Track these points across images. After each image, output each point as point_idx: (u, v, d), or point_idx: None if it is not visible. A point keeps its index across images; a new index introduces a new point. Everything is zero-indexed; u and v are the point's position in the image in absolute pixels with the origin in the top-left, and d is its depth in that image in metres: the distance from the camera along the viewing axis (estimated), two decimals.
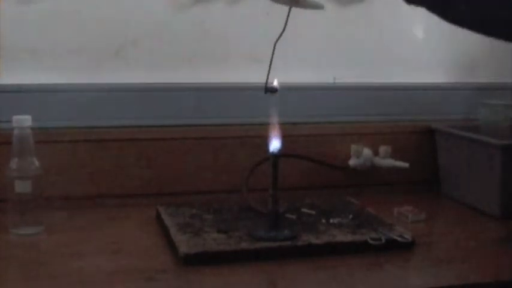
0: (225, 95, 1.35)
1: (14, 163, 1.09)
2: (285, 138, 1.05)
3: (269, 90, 1.08)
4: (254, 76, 1.35)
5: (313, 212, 1.16)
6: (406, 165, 1.34)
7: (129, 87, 1.30)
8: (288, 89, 1.37)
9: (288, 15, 1.10)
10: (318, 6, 1.15)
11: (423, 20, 1.43)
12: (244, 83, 1.36)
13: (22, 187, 1.08)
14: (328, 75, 1.41)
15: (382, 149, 1.35)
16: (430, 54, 1.48)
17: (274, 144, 1.04)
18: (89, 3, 1.27)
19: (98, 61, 1.29)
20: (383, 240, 1.03)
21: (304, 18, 1.38)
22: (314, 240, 1.03)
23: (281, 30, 1.33)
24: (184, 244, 0.99)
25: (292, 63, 1.39)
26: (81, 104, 1.27)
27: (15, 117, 1.09)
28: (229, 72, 1.36)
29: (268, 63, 1.35)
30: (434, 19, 0.87)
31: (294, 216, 1.13)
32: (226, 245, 1.00)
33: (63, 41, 1.27)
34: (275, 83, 1.09)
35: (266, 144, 1.04)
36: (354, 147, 1.34)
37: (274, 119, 1.05)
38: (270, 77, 1.09)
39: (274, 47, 1.10)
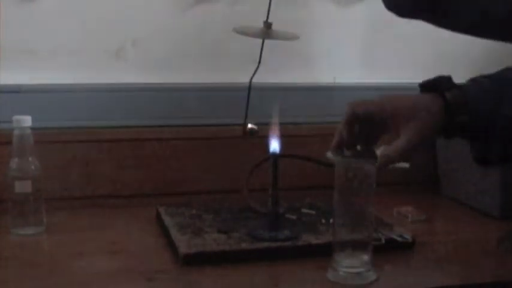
0: (225, 95, 1.35)
1: (14, 163, 1.09)
2: (285, 138, 1.05)
3: (249, 132, 1.06)
4: (254, 76, 1.36)
5: (313, 212, 1.16)
6: (406, 165, 1.34)
7: (129, 87, 1.30)
8: (288, 89, 1.38)
9: (262, 49, 1.07)
10: (292, 37, 1.12)
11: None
12: (244, 83, 1.36)
13: (22, 187, 1.08)
14: (328, 75, 1.41)
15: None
16: (430, 54, 1.48)
17: (274, 144, 1.04)
18: (89, 3, 1.27)
19: (98, 61, 1.29)
20: (383, 241, 1.03)
21: (303, 18, 1.38)
22: (314, 240, 1.03)
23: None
24: (184, 244, 0.99)
25: (292, 63, 1.39)
26: (81, 104, 1.27)
27: (15, 118, 1.09)
28: (229, 72, 1.36)
29: (268, 63, 1.36)
30: None
31: (294, 217, 1.13)
32: (226, 245, 1.00)
33: (63, 41, 1.27)
34: (252, 126, 1.08)
35: (266, 144, 1.04)
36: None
37: (274, 119, 1.05)
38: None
39: (250, 84, 1.08)
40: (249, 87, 1.07)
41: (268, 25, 1.05)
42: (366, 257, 0.92)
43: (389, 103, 0.87)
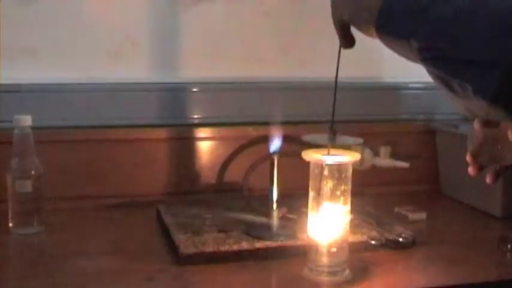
0: (225, 94, 1.35)
1: (14, 163, 1.09)
2: (285, 138, 1.05)
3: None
4: (254, 76, 1.36)
5: None
6: (406, 165, 1.34)
7: (129, 87, 1.30)
8: (288, 89, 1.38)
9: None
10: (355, 143, 1.16)
11: None
12: (244, 83, 1.36)
13: (22, 187, 1.08)
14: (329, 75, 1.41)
15: (382, 149, 1.35)
16: None
17: (274, 144, 1.04)
18: (89, 3, 1.27)
19: (98, 61, 1.29)
20: (383, 240, 1.03)
21: (304, 18, 1.38)
22: None
23: (280, 30, 1.33)
24: (184, 244, 0.99)
25: (292, 63, 1.39)
26: (81, 104, 1.27)
27: (15, 117, 1.09)
28: (229, 72, 1.36)
29: (269, 62, 1.36)
30: None
31: (294, 216, 1.13)
32: (226, 245, 1.00)
33: (63, 41, 1.27)
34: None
35: (266, 144, 1.04)
36: (354, 148, 1.34)
37: (274, 119, 1.05)
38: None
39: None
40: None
41: (333, 132, 1.09)
42: (341, 257, 0.92)
43: None
